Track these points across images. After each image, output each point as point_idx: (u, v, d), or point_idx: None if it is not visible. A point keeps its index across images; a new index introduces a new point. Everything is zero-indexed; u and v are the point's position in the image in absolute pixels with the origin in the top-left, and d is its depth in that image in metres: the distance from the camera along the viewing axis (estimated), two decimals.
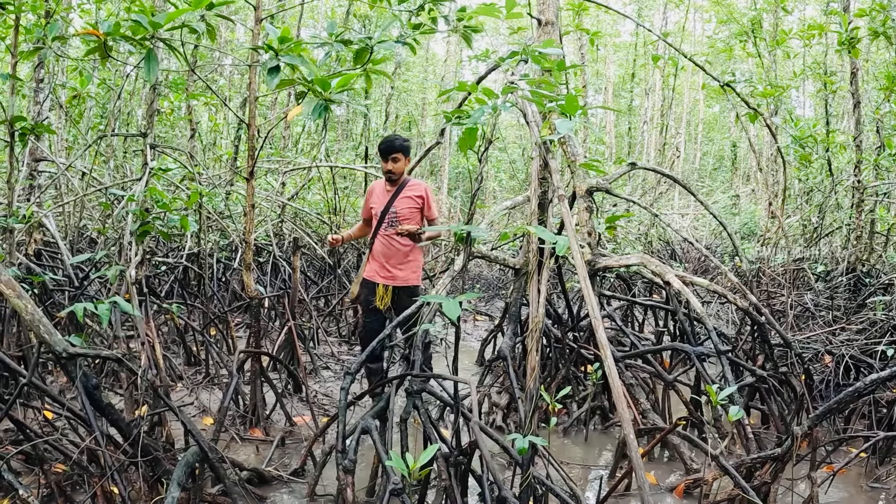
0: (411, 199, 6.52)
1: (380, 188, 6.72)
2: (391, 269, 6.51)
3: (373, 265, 6.60)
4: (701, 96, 27.40)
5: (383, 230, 6.51)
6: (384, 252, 6.52)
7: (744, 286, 5.91)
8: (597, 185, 5.10)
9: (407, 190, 6.56)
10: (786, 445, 4.36)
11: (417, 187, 6.60)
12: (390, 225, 6.47)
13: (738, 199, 19.69)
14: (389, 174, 6.52)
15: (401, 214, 6.49)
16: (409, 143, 6.62)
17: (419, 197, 6.55)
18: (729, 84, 6.97)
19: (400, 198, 6.52)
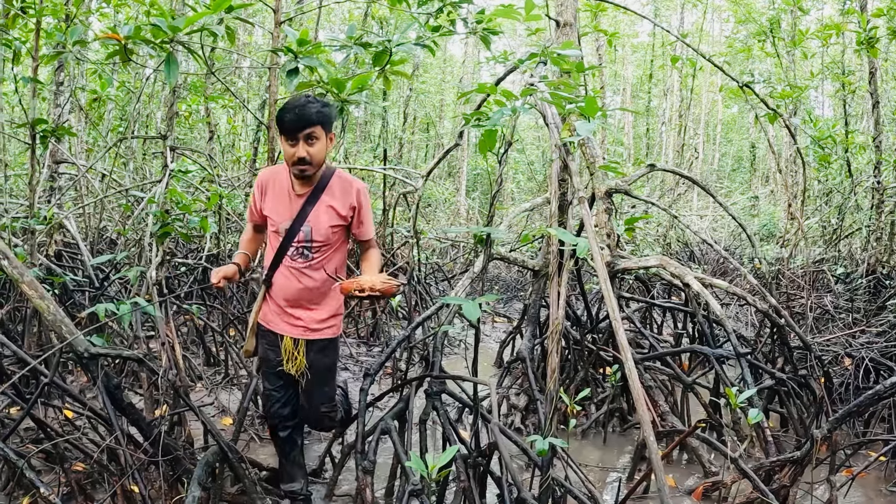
0: (334, 211, 4.15)
1: (281, 185, 4.23)
2: (301, 313, 4.28)
3: (271, 307, 4.34)
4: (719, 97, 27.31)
5: (289, 259, 4.20)
6: (290, 291, 4.22)
7: (763, 288, 5.89)
8: (616, 186, 5.10)
9: (329, 193, 4.16)
10: (805, 449, 4.34)
11: (347, 188, 4.22)
12: (301, 255, 4.19)
13: (756, 201, 19.59)
14: (301, 165, 4.00)
15: (317, 239, 4.16)
16: (332, 110, 4.14)
17: (351, 207, 4.20)
18: (748, 85, 6.94)
19: (318, 207, 4.14)
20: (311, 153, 3.95)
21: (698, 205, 19.18)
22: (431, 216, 19.28)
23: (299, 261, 4.17)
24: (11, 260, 3.84)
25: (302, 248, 4.16)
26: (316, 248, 4.17)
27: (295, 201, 4.15)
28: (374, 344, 9.25)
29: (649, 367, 6.32)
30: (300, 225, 4.12)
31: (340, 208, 4.15)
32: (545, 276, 5.61)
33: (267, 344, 4.39)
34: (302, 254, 4.16)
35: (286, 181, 4.17)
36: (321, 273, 4.20)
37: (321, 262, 4.20)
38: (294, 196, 4.15)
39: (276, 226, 4.21)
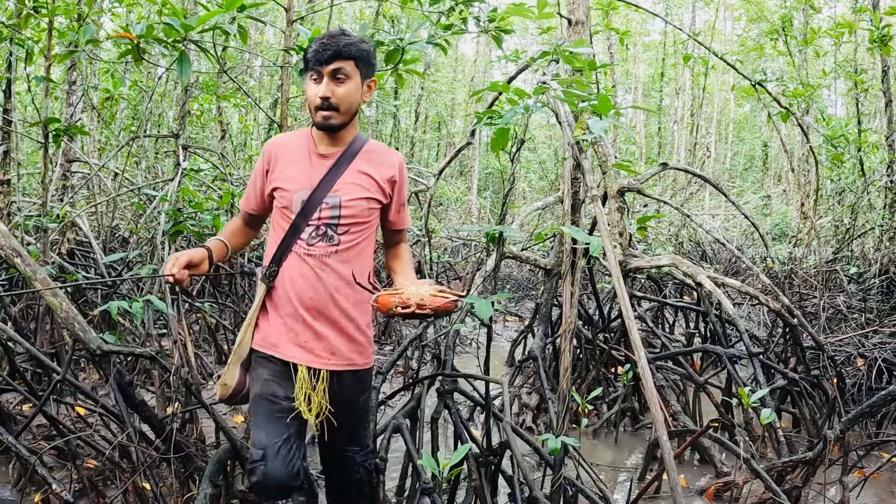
0: (371, 180, 3.22)
1: (299, 148, 3.27)
2: (324, 329, 3.16)
3: (278, 323, 3.19)
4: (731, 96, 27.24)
5: (305, 244, 3.14)
6: (307, 292, 3.14)
7: (776, 288, 5.87)
8: (628, 185, 5.08)
9: (364, 158, 3.25)
10: (818, 449, 4.32)
11: (386, 157, 3.32)
12: (324, 237, 3.14)
13: (769, 200, 19.54)
14: (325, 111, 3.10)
15: (347, 213, 3.16)
16: (370, 48, 3.22)
17: (391, 181, 3.29)
18: (760, 83, 6.92)
19: (350, 172, 3.20)
20: (337, 94, 3.02)
21: (710, 204, 19.11)
22: (443, 215, 19.27)
23: (321, 245, 3.07)
24: (24, 258, 3.85)
25: (325, 225, 3.08)
26: (345, 228, 3.10)
27: (317, 163, 3.15)
28: (385, 342, 9.25)
29: (661, 367, 6.30)
30: (324, 193, 3.08)
31: (379, 179, 3.19)
32: (557, 274, 5.60)
33: (269, 375, 3.13)
34: (325, 235, 3.09)
35: (306, 142, 3.22)
36: (350, 266, 3.10)
37: (351, 248, 3.12)
38: (316, 157, 3.16)
39: (287, 199, 3.11)
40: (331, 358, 3.14)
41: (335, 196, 3.10)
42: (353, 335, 3.19)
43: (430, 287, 2.87)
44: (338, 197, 3.10)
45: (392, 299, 2.82)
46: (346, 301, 3.15)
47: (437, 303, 2.79)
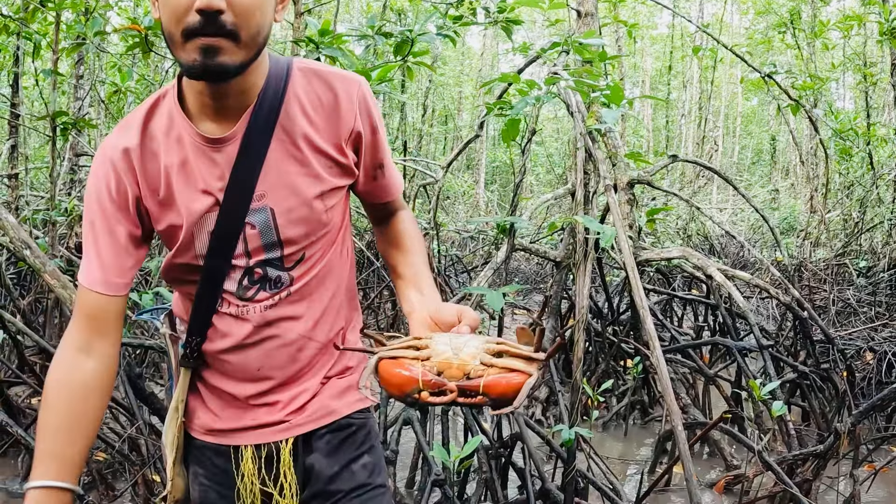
0: (316, 151, 1.81)
1: (164, 139, 1.77)
2: (286, 393, 1.96)
3: (211, 402, 1.99)
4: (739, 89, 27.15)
5: (237, 298, 1.86)
6: (256, 364, 1.92)
7: (786, 281, 5.85)
8: (638, 177, 5.07)
9: (292, 112, 1.79)
10: (828, 442, 4.30)
11: (328, 89, 1.82)
12: (264, 282, 1.86)
13: (777, 194, 19.50)
14: (211, 36, 1.55)
15: (292, 233, 1.83)
16: None
17: (349, 137, 1.84)
18: (770, 75, 6.88)
19: (277, 153, 1.78)
20: (237, 4, 1.56)
21: (718, 198, 19.07)
22: (450, 208, 19.25)
23: (262, 295, 1.87)
24: (34, 249, 3.85)
25: (261, 265, 1.84)
26: (295, 257, 1.86)
27: (210, 156, 1.76)
28: (392, 336, 9.21)
29: (671, 360, 6.28)
30: (242, 208, 1.77)
31: (329, 142, 1.81)
32: (567, 267, 5.59)
33: (207, 477, 1.99)
34: (264, 278, 1.87)
35: (174, 124, 1.77)
36: (317, 302, 1.94)
37: (311, 280, 1.91)
38: (203, 145, 1.75)
39: (181, 240, 1.81)
40: (293, 416, 1.96)
41: (262, 209, 1.78)
42: (331, 375, 2.02)
43: (478, 340, 1.55)
44: (266, 209, 1.78)
45: (408, 372, 1.51)
46: (316, 350, 1.97)
47: (498, 386, 1.46)
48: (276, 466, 1.95)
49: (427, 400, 1.49)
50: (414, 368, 1.51)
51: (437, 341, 1.57)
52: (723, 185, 19.04)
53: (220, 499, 1.98)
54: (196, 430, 2.01)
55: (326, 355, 2.01)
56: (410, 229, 2.10)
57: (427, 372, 1.50)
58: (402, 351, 1.59)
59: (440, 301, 1.84)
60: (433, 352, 1.54)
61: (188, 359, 1.95)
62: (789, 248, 11.19)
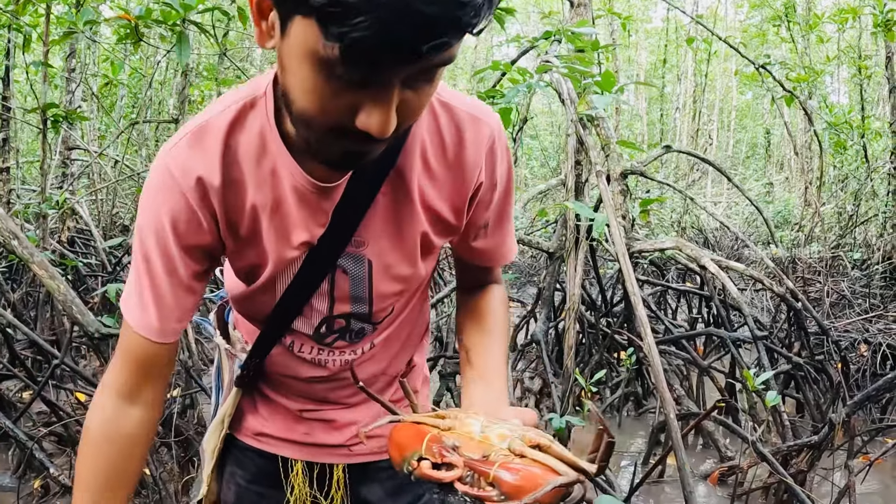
0: (432, 213, 1.51)
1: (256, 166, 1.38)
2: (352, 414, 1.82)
3: (267, 410, 1.84)
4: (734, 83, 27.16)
5: (313, 342, 1.66)
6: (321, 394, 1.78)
7: (780, 272, 5.83)
8: (631, 168, 5.05)
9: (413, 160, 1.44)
10: (823, 433, 4.29)
11: (463, 136, 1.44)
12: (341, 337, 1.66)
13: (771, 187, 19.50)
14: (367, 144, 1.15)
15: (385, 289, 1.58)
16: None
17: (475, 187, 1.51)
18: (764, 66, 6.86)
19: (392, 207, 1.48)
20: (407, 114, 1.15)
21: (712, 192, 19.07)
22: None
23: (340, 345, 1.68)
24: (22, 240, 3.81)
25: (346, 316, 1.63)
26: (382, 311, 1.65)
27: (318, 206, 1.44)
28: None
29: (664, 351, 6.27)
30: (336, 254, 1.51)
31: (443, 200, 1.51)
32: (560, 257, 5.56)
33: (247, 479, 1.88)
34: (346, 330, 1.66)
35: (274, 153, 1.38)
36: (390, 348, 1.76)
37: (392, 332, 1.73)
38: (314, 195, 1.41)
39: (254, 276, 1.56)
40: (353, 443, 1.82)
41: (359, 258, 1.53)
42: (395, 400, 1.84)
43: (520, 428, 1.27)
44: (364, 260, 1.53)
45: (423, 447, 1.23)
46: (386, 383, 1.84)
47: (513, 479, 1.13)
48: (327, 483, 1.84)
49: (423, 472, 1.19)
50: (427, 447, 1.22)
51: (467, 417, 1.28)
52: (717, 178, 19.04)
53: (260, 500, 1.85)
54: (241, 433, 1.85)
55: (392, 386, 1.85)
56: (499, 310, 1.74)
57: (438, 438, 1.21)
58: (427, 418, 1.32)
59: (505, 402, 1.52)
60: (459, 423, 1.26)
61: (244, 380, 1.77)
62: (783, 240, 11.18)
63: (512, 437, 1.20)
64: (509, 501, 1.12)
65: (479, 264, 1.73)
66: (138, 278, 1.45)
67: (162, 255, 1.42)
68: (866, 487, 5.02)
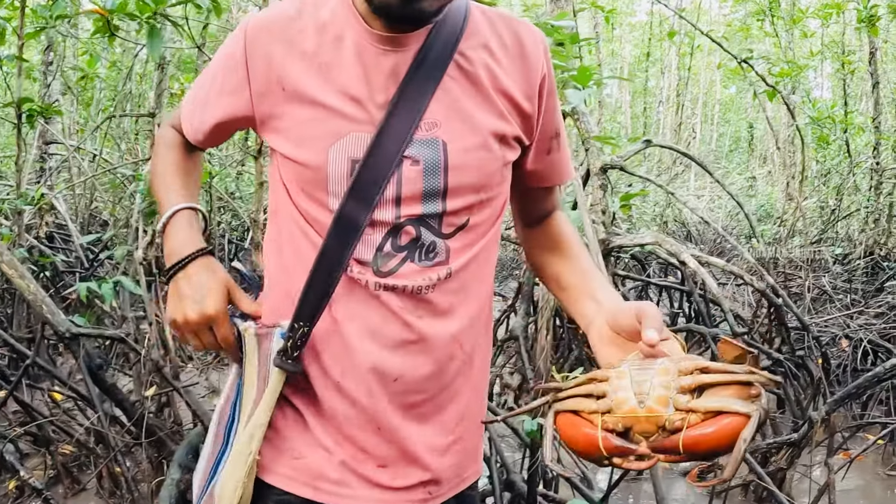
0: (498, 95, 1.46)
1: (328, 36, 1.43)
2: (428, 436, 1.52)
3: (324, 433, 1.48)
4: (717, 77, 27.18)
5: (375, 268, 1.42)
6: (395, 370, 1.46)
7: (761, 267, 5.81)
8: (611, 162, 5.02)
9: (477, 46, 1.46)
10: (803, 431, 4.27)
11: (522, 40, 1.50)
12: (412, 248, 1.43)
13: (754, 181, 19.52)
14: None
15: (460, 180, 1.42)
16: None
17: (529, 91, 1.49)
18: (746, 61, 6.83)
19: (452, 82, 1.43)
20: None
21: (695, 185, 19.07)
22: None
23: (410, 268, 1.44)
24: None
25: (416, 222, 1.43)
26: (456, 216, 1.46)
27: (378, 62, 1.41)
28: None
29: None
30: (406, 137, 1.38)
31: (513, 83, 1.48)
32: None
33: None
34: (416, 244, 1.44)
35: (341, 18, 1.44)
36: (469, 302, 1.53)
37: (470, 262, 1.50)
38: (376, 47, 1.42)
39: (311, 163, 1.42)
40: (434, 488, 1.55)
41: (432, 141, 1.41)
42: (469, 426, 1.61)
43: (667, 369, 1.21)
44: (438, 142, 1.41)
45: (589, 430, 1.21)
46: (471, 371, 1.58)
47: (704, 442, 1.13)
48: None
49: (623, 466, 1.19)
50: (593, 428, 1.20)
51: (618, 385, 1.21)
52: (700, 172, 19.04)
53: None
54: (285, 476, 1.49)
55: (464, 376, 1.56)
56: (571, 232, 1.70)
57: (609, 434, 1.18)
58: (578, 400, 1.26)
59: (619, 301, 1.47)
60: (615, 400, 1.20)
61: (288, 356, 1.44)
62: (765, 235, 11.18)
63: (672, 394, 1.17)
64: (711, 458, 1.16)
65: (547, 184, 1.68)
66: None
67: (217, 72, 1.55)
68: (847, 484, 5.01)
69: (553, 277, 1.64)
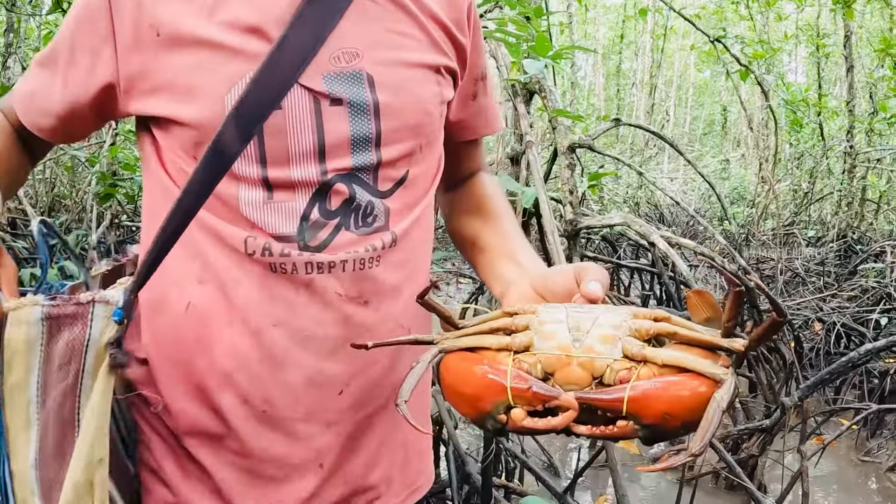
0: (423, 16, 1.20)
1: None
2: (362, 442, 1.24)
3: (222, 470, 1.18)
4: (692, 61, 27.15)
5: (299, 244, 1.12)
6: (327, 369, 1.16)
7: (732, 249, 5.70)
8: (579, 141, 4.87)
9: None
10: (775, 416, 4.16)
11: None
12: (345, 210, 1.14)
13: (727, 164, 19.52)
14: None
15: (398, 121, 1.16)
16: None
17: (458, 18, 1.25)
18: (719, 40, 6.71)
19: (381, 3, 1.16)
20: None
21: (669, 168, 19.02)
22: None
23: (347, 239, 1.15)
24: None
25: (348, 178, 1.15)
26: (393, 168, 1.20)
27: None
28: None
29: None
30: (305, 58, 1.10)
31: (441, 8, 1.23)
32: None
33: None
34: (350, 206, 1.15)
35: None
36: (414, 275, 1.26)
37: (411, 230, 1.24)
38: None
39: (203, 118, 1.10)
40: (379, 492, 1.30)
41: (356, 75, 1.15)
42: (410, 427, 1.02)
43: (619, 313, 0.94)
44: (363, 75, 1.15)
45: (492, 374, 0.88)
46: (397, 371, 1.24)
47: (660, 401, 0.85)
48: None
49: (521, 425, 0.84)
50: (501, 367, 0.86)
51: (546, 316, 0.91)
52: (674, 155, 18.98)
53: None
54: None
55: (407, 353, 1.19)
56: (497, 194, 1.46)
57: (524, 373, 0.86)
58: (484, 337, 0.92)
59: (546, 268, 1.22)
60: (538, 334, 0.88)
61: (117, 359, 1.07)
62: (737, 217, 11.13)
63: (622, 337, 0.86)
64: (663, 434, 0.84)
65: (472, 136, 1.43)
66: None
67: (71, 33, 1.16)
68: (820, 470, 4.92)
69: (469, 239, 1.38)
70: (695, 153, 20.20)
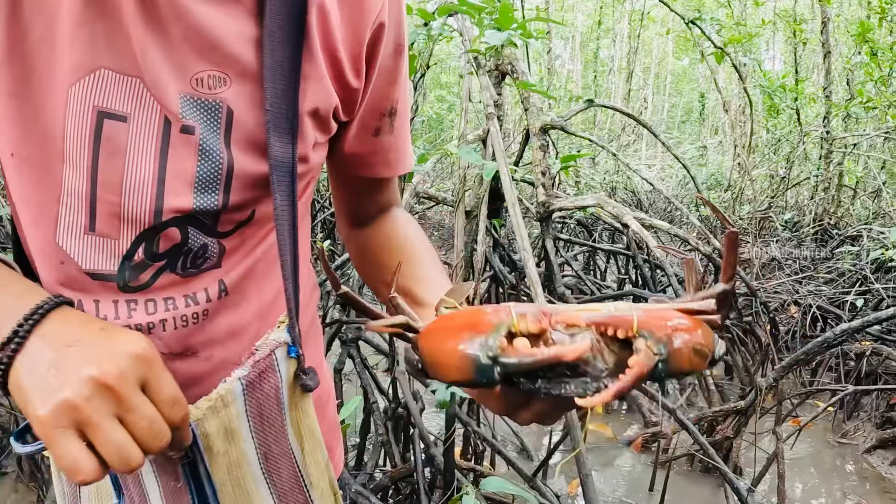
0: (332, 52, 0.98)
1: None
2: None
3: None
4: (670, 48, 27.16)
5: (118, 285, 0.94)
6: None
7: (708, 231, 5.65)
8: (552, 122, 4.80)
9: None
10: (750, 398, 4.13)
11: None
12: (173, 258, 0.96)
13: (705, 151, 19.52)
14: None
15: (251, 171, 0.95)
16: None
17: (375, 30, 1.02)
18: (694, 21, 6.65)
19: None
20: None
21: (647, 154, 19.00)
22: None
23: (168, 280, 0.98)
24: None
25: (184, 222, 0.94)
26: (240, 210, 0.99)
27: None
28: None
29: None
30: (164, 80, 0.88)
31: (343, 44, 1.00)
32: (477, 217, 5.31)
33: None
34: (180, 251, 0.96)
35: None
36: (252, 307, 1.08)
37: (256, 268, 1.06)
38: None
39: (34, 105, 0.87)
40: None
41: (213, 105, 0.92)
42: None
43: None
44: (222, 107, 0.92)
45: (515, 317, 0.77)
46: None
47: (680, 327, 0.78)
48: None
49: (525, 354, 0.73)
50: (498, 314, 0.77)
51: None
52: (651, 142, 18.95)
53: None
54: None
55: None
56: (417, 234, 1.29)
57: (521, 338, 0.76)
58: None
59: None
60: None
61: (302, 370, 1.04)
62: (714, 201, 11.10)
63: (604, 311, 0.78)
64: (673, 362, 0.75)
65: (368, 173, 1.20)
66: None
67: None
68: (796, 452, 4.90)
69: (402, 289, 1.16)
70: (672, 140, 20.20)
